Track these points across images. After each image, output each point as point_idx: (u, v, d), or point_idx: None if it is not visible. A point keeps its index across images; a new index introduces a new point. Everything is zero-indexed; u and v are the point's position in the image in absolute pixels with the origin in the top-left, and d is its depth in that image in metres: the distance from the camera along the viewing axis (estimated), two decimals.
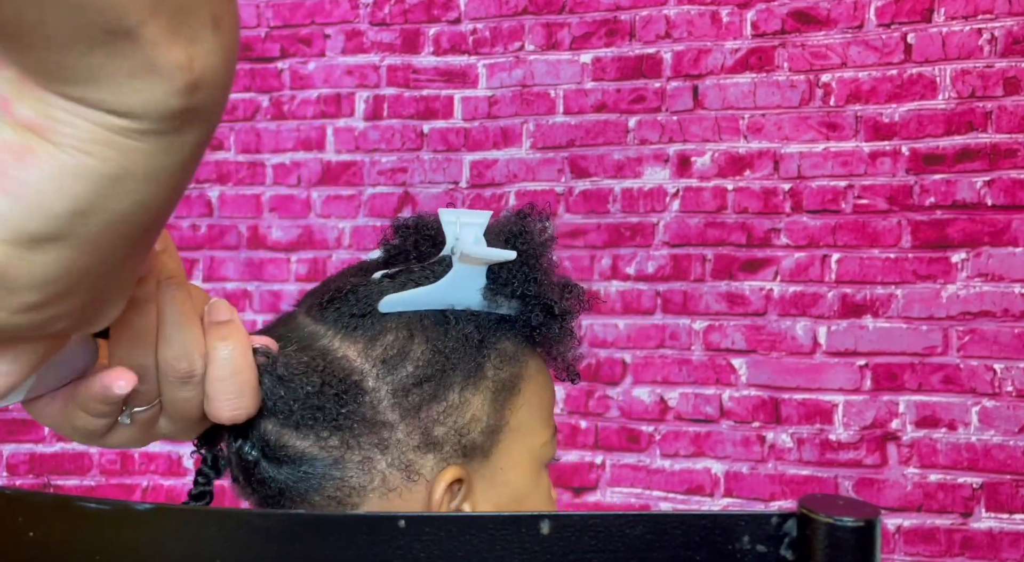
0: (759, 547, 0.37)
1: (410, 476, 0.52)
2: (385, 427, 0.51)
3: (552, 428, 0.58)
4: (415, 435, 0.51)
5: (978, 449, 1.74)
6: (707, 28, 1.90)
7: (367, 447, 0.51)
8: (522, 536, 0.37)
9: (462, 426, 0.52)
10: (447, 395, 0.52)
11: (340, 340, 0.52)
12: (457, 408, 0.52)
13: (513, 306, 0.54)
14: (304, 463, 0.51)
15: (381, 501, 0.51)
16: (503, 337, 0.55)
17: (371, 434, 0.51)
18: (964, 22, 1.76)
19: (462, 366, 0.52)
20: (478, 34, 2.02)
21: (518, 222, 0.56)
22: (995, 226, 1.75)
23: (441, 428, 0.52)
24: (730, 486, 1.87)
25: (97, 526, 0.39)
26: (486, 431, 0.53)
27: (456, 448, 0.52)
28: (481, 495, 0.54)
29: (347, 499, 0.51)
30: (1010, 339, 1.73)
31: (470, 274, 0.52)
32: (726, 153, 1.89)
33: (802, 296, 1.85)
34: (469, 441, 0.53)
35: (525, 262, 0.53)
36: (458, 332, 0.53)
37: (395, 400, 0.51)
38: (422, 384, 0.51)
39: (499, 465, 0.54)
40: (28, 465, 2.09)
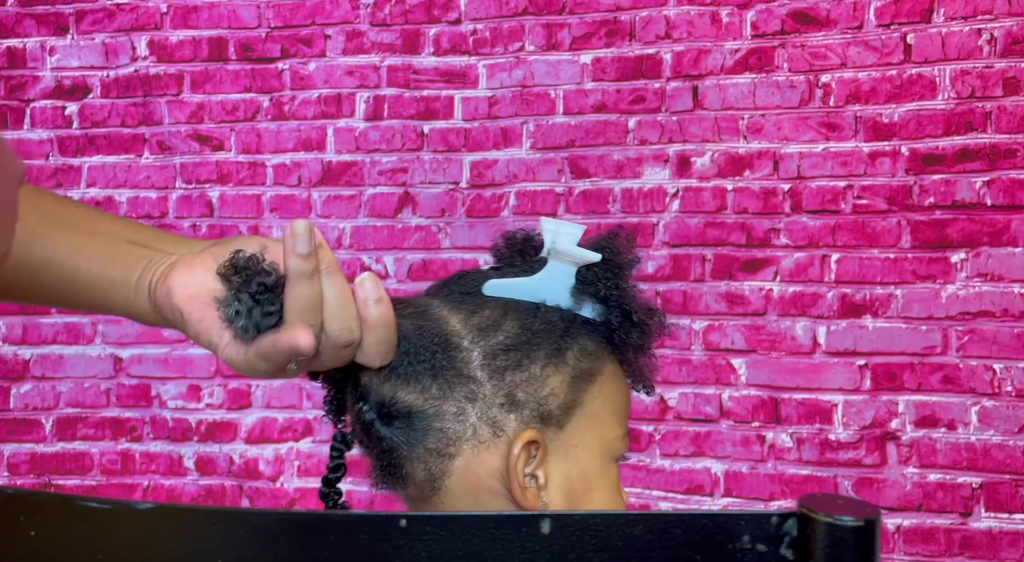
0: (759, 546, 0.37)
1: (495, 432, 0.60)
2: (474, 382, 0.60)
3: (625, 428, 0.65)
4: (500, 394, 0.60)
5: (977, 449, 1.74)
6: (707, 28, 1.90)
7: (460, 399, 0.60)
8: (523, 535, 0.37)
9: (541, 396, 0.60)
10: (530, 367, 0.60)
11: (447, 310, 0.62)
12: (538, 379, 0.60)
13: (597, 310, 0.62)
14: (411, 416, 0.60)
15: (473, 452, 0.60)
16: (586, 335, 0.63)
17: (463, 387, 0.60)
18: (964, 22, 1.76)
19: (545, 346, 0.61)
20: (478, 34, 2.02)
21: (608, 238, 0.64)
22: (994, 226, 1.75)
23: (522, 393, 0.60)
24: (730, 486, 1.87)
25: (98, 525, 0.39)
26: (562, 406, 0.61)
27: (535, 413, 0.60)
28: (554, 465, 0.61)
29: (446, 449, 0.60)
30: (1009, 339, 1.73)
31: (561, 273, 0.61)
32: (726, 153, 1.90)
33: (802, 296, 1.85)
34: (546, 410, 0.60)
35: (610, 269, 0.62)
36: (545, 318, 0.61)
37: (484, 361, 0.60)
38: (509, 352, 0.60)
39: (572, 441, 0.62)
40: (29, 465, 2.09)
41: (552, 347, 0.61)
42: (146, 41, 2.11)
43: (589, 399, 0.62)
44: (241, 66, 2.09)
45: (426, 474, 0.60)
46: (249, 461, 2.05)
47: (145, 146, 2.12)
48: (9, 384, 2.10)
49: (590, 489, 0.62)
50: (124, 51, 2.11)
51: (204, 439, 2.06)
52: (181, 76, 2.10)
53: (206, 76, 2.10)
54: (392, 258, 2.04)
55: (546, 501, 0.60)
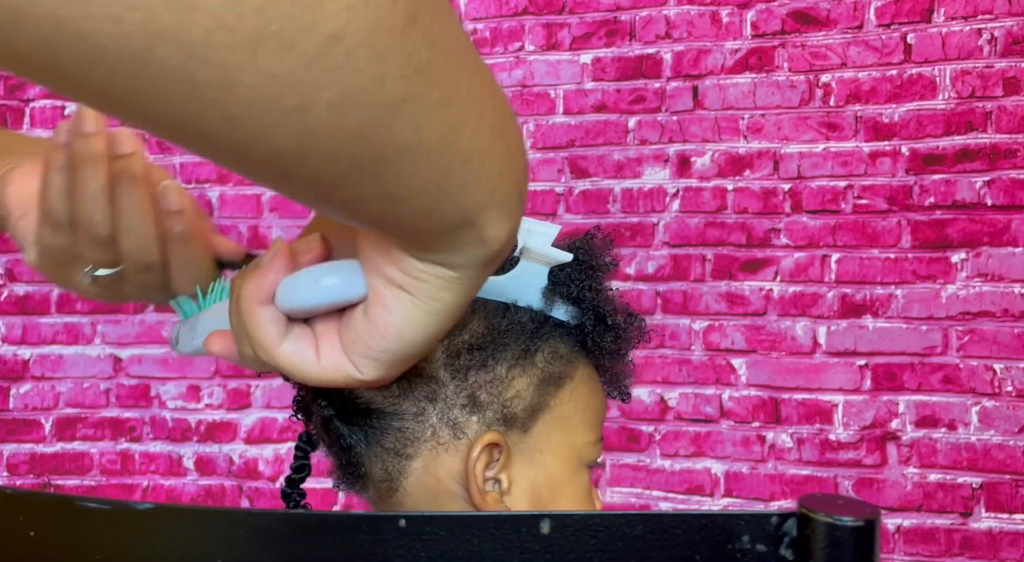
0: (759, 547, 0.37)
1: (456, 433, 0.57)
2: (436, 381, 0.58)
3: (597, 434, 0.63)
4: (462, 395, 0.58)
5: (978, 449, 1.74)
6: (707, 28, 1.90)
7: (420, 398, 0.58)
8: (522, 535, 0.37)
9: (505, 398, 0.58)
10: (495, 367, 0.58)
11: None
12: (502, 381, 0.58)
13: (570, 312, 0.60)
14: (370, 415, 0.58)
15: (432, 454, 0.58)
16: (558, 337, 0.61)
17: (423, 386, 0.57)
18: (964, 22, 1.76)
19: (513, 347, 0.59)
20: (478, 34, 2.02)
21: (584, 239, 0.63)
22: (995, 226, 1.75)
23: (485, 394, 0.58)
24: (730, 486, 1.87)
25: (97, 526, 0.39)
26: (527, 409, 0.59)
27: (498, 416, 0.58)
28: (518, 470, 0.59)
29: (404, 449, 0.58)
30: (1010, 339, 1.73)
31: (533, 273, 0.59)
32: (726, 153, 1.90)
33: (802, 296, 1.85)
34: (510, 413, 0.58)
35: (584, 272, 0.60)
36: (514, 319, 0.59)
37: (447, 360, 0.58)
38: (472, 351, 0.58)
39: (538, 446, 0.60)
40: (28, 465, 2.09)
41: (520, 348, 0.59)
42: None
43: (558, 403, 0.60)
44: None
45: (383, 474, 0.59)
46: (249, 461, 2.05)
47: (145, 145, 2.11)
48: (8, 384, 2.10)
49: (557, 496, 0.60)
50: None
51: (204, 439, 2.06)
52: None
53: None
54: None
55: (508, 506, 0.58)
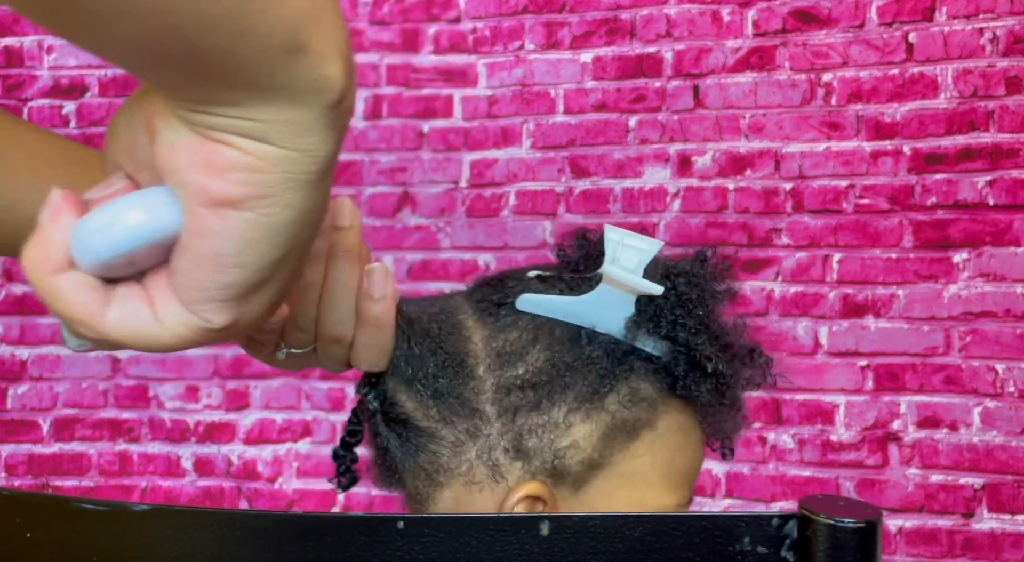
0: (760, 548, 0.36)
1: (494, 476, 0.50)
2: (479, 416, 0.50)
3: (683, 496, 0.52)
4: (507, 437, 0.50)
5: (980, 450, 1.74)
6: (708, 27, 1.90)
7: (460, 430, 0.50)
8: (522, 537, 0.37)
9: (559, 448, 0.50)
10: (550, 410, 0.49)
11: (474, 321, 0.52)
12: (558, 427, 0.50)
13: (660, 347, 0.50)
14: (408, 427, 0.52)
15: (464, 490, 0.51)
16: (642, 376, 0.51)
17: (465, 419, 0.50)
18: (966, 21, 1.76)
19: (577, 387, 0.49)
20: (478, 33, 2.01)
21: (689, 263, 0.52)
22: (997, 226, 1.75)
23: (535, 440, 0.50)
24: (731, 487, 1.87)
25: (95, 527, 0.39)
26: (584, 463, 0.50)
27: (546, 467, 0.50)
28: None
29: (435, 476, 0.51)
30: (1012, 339, 1.73)
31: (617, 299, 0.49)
32: (727, 153, 1.89)
33: (803, 296, 1.85)
34: (561, 465, 0.50)
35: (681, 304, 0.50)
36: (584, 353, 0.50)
37: (496, 395, 0.50)
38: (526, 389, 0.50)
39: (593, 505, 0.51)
40: (26, 466, 2.08)
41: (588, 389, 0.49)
42: None
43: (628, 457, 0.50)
44: None
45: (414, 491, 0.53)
46: (247, 462, 2.04)
47: None
48: (6, 385, 2.09)
49: None
50: None
51: (202, 440, 2.06)
52: None
53: None
54: (391, 258, 2.03)
55: None
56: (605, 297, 0.49)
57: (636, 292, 0.49)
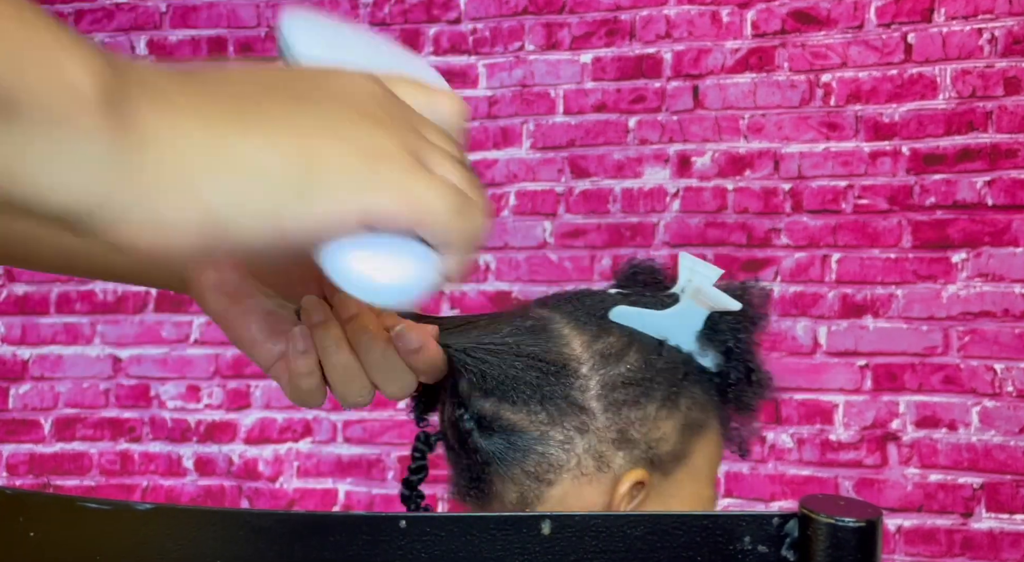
0: (760, 548, 0.36)
1: (600, 466, 0.56)
2: (587, 413, 0.56)
3: (715, 491, 0.62)
4: (613, 429, 0.56)
5: (978, 449, 1.74)
6: (707, 28, 1.90)
7: (569, 428, 0.56)
8: (523, 537, 0.37)
9: (653, 439, 0.57)
10: (647, 406, 0.57)
11: (570, 329, 0.58)
12: (652, 421, 0.57)
13: (716, 361, 0.59)
14: (514, 434, 0.56)
15: (573, 484, 0.56)
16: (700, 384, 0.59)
17: (574, 416, 0.56)
18: (964, 22, 1.76)
19: (664, 387, 0.57)
20: (478, 34, 2.02)
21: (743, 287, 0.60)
22: (995, 226, 1.75)
23: (635, 432, 0.57)
24: (731, 486, 1.87)
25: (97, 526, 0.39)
26: (671, 454, 0.58)
27: (645, 455, 0.57)
28: None
29: (545, 475, 0.56)
30: (1010, 339, 1.73)
31: (692, 314, 0.57)
32: (726, 153, 1.89)
33: (802, 296, 1.85)
34: (655, 455, 0.57)
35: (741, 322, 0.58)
36: (669, 357, 0.58)
37: (602, 392, 0.56)
38: (628, 386, 0.56)
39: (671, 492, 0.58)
40: (28, 465, 2.09)
41: (670, 390, 0.57)
42: (145, 41, 2.11)
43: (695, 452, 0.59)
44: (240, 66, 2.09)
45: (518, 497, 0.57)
46: (248, 461, 2.05)
47: None
48: (8, 384, 2.09)
49: None
50: (123, 51, 2.11)
51: (203, 439, 2.06)
52: None
53: None
54: None
55: None
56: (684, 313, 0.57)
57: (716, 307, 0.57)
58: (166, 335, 2.07)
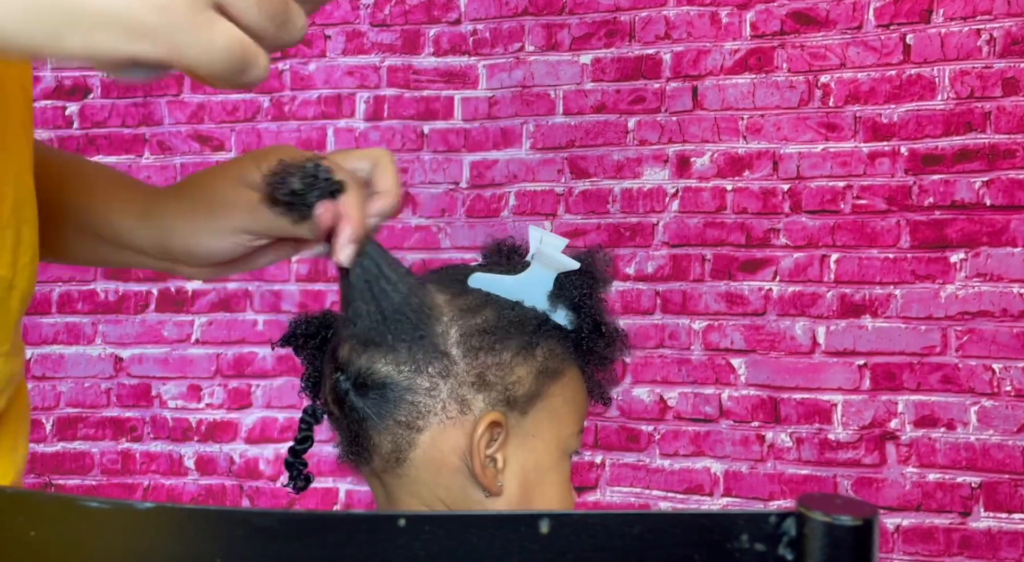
0: (757, 546, 0.37)
1: (463, 409, 0.62)
2: (449, 358, 0.63)
3: (580, 426, 0.69)
4: (472, 373, 0.63)
5: (977, 449, 1.75)
6: (706, 29, 1.90)
7: (434, 374, 0.62)
8: (521, 535, 0.37)
9: (509, 382, 0.64)
10: (502, 352, 0.63)
11: (435, 288, 0.66)
12: (507, 366, 0.64)
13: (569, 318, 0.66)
14: (385, 388, 0.62)
15: (440, 428, 0.62)
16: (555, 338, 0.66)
17: (437, 362, 0.62)
18: (963, 23, 1.76)
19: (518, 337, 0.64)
20: (478, 35, 2.02)
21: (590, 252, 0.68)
22: (993, 226, 1.75)
23: (492, 375, 0.63)
24: (729, 485, 1.87)
25: (98, 526, 0.39)
26: (527, 395, 0.64)
27: (501, 397, 0.63)
28: (512, 451, 0.64)
29: (415, 421, 0.62)
30: (1008, 339, 1.73)
31: (542, 277, 0.65)
32: (725, 153, 1.90)
33: (801, 296, 1.85)
34: (512, 395, 0.64)
35: (586, 282, 0.65)
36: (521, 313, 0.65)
37: (461, 339, 0.63)
38: (484, 334, 0.63)
39: (531, 431, 0.65)
40: (29, 464, 2.08)
41: (524, 340, 0.64)
42: None
43: (551, 394, 0.65)
44: None
45: (392, 445, 0.63)
46: (249, 461, 2.05)
47: (145, 146, 2.12)
48: None
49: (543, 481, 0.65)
50: None
51: (204, 439, 2.06)
52: (181, 76, 2.10)
53: None
54: None
55: (502, 483, 0.63)
56: (534, 276, 0.65)
57: (560, 268, 0.64)
58: (167, 335, 2.08)
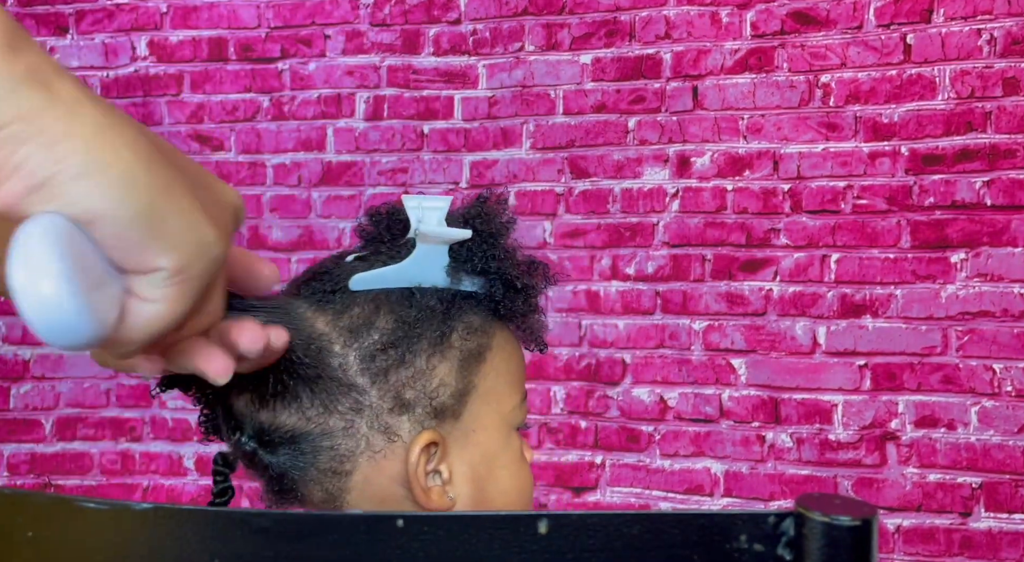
0: (756, 546, 0.37)
1: (390, 438, 0.56)
2: (357, 390, 0.55)
3: (521, 393, 0.62)
4: (387, 398, 0.55)
5: (977, 449, 1.75)
6: (707, 29, 1.90)
7: (345, 411, 0.55)
8: (520, 535, 0.37)
9: (431, 390, 0.56)
10: (414, 361, 0.56)
11: (312, 312, 0.56)
12: (424, 373, 0.56)
13: (476, 283, 0.58)
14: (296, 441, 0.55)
15: (370, 464, 0.56)
16: (469, 311, 0.59)
17: (345, 398, 0.55)
18: (963, 22, 1.76)
19: (427, 335, 0.56)
20: (478, 35, 2.02)
21: (477, 206, 0.60)
22: (994, 226, 1.75)
23: (411, 391, 0.56)
24: (730, 486, 1.87)
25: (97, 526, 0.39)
26: (455, 394, 0.57)
27: (428, 410, 0.56)
28: (456, 456, 0.58)
29: (340, 467, 0.56)
30: (1009, 339, 1.73)
31: (433, 253, 0.57)
32: (726, 153, 1.90)
33: (801, 296, 1.85)
34: (439, 404, 0.57)
35: (484, 241, 0.58)
36: (422, 305, 0.57)
37: (363, 365, 0.55)
38: (387, 350, 0.55)
39: (470, 427, 0.59)
40: (29, 465, 2.09)
41: (435, 334, 0.56)
42: (146, 41, 2.11)
43: (481, 379, 0.59)
44: (241, 66, 2.09)
45: (324, 494, 0.56)
46: None
47: None
48: (9, 384, 2.10)
49: (494, 468, 0.60)
50: (124, 51, 2.11)
51: (204, 439, 2.06)
52: (181, 76, 2.10)
53: (206, 76, 2.10)
54: None
55: (452, 495, 0.57)
56: (423, 256, 0.57)
57: (448, 242, 0.56)
58: None
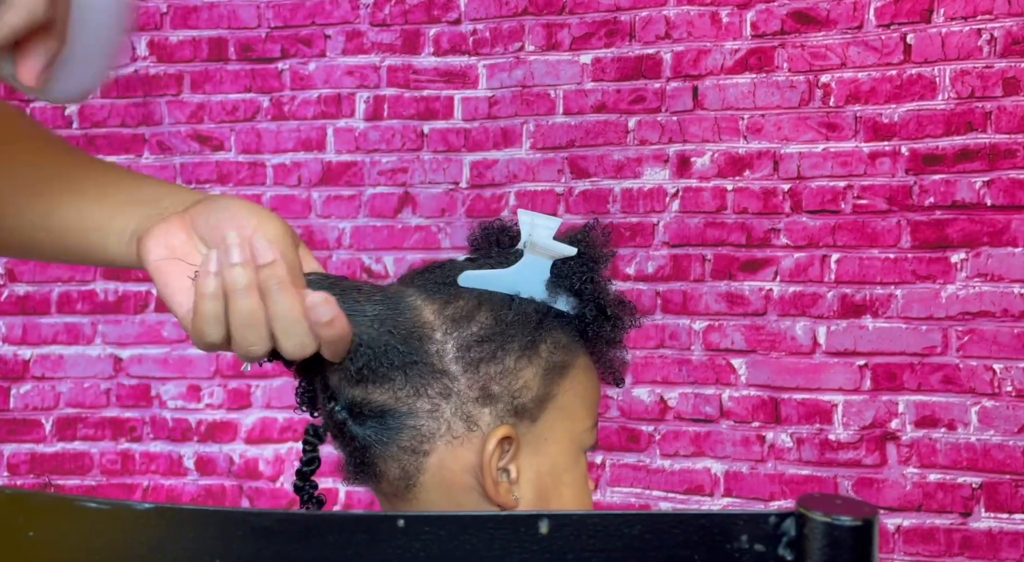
0: (757, 546, 0.37)
1: (470, 426, 0.59)
2: (448, 376, 0.59)
3: (594, 419, 0.65)
4: (475, 388, 0.59)
5: (977, 449, 1.75)
6: (707, 29, 1.90)
7: (434, 395, 0.59)
8: (521, 535, 0.37)
9: (515, 389, 0.60)
10: (504, 359, 0.59)
11: (421, 300, 0.61)
12: (512, 372, 0.60)
13: (570, 303, 0.62)
14: (384, 415, 0.59)
15: (447, 448, 0.59)
16: (559, 328, 0.62)
17: (436, 382, 0.59)
18: (963, 22, 1.76)
19: (519, 338, 0.60)
20: (478, 35, 2.02)
21: (583, 231, 0.64)
22: (994, 226, 1.75)
23: (497, 386, 0.59)
24: (730, 486, 1.87)
25: (97, 526, 0.39)
26: (535, 399, 0.61)
27: (509, 407, 0.60)
28: (525, 459, 0.61)
29: (419, 447, 0.59)
30: (1009, 339, 1.73)
31: (537, 266, 0.61)
32: (726, 153, 1.90)
33: (802, 296, 1.85)
34: (520, 404, 0.60)
35: (585, 264, 0.62)
36: (519, 310, 0.61)
37: (458, 354, 0.59)
38: (482, 343, 0.59)
39: (544, 435, 0.62)
40: (29, 465, 2.09)
41: (526, 339, 0.60)
42: (146, 41, 2.11)
43: (561, 392, 0.62)
44: (241, 66, 2.09)
45: (400, 472, 0.60)
46: (249, 461, 2.05)
47: (145, 146, 2.12)
48: (9, 384, 2.10)
49: (560, 483, 0.62)
50: (124, 51, 2.11)
51: (204, 439, 2.06)
52: (181, 76, 2.10)
53: (206, 76, 2.10)
54: (392, 258, 2.04)
55: (517, 496, 0.60)
56: (528, 266, 0.61)
57: (555, 255, 0.61)
58: (167, 335, 2.08)
